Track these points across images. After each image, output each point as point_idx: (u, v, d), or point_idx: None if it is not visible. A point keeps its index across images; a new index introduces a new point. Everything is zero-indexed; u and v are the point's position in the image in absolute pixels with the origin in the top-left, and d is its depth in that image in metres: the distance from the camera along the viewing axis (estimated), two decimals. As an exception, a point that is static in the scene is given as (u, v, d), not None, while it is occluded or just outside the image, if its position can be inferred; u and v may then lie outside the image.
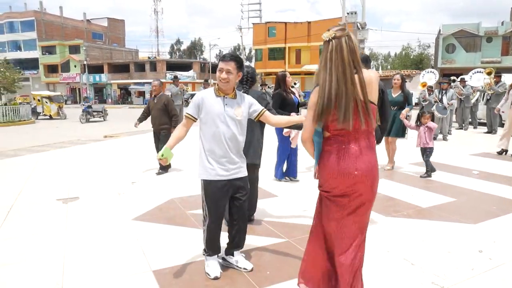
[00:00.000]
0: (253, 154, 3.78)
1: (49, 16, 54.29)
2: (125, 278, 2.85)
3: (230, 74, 2.74)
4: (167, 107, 6.39)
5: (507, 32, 32.50)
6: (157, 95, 6.48)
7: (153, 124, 6.52)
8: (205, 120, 2.80)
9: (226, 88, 2.78)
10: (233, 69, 2.75)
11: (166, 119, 6.42)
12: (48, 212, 4.47)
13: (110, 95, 48.44)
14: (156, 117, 6.43)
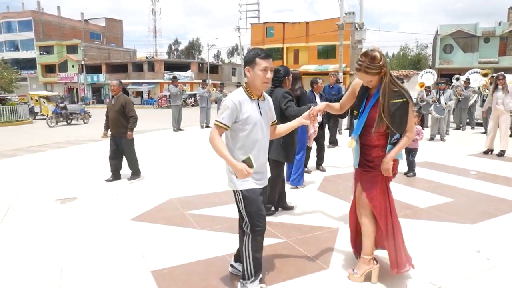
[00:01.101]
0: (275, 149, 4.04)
1: (47, 16, 54.13)
2: (123, 279, 2.85)
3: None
4: (124, 109, 5.85)
5: (504, 32, 32.59)
6: (115, 96, 5.96)
7: (111, 127, 5.96)
8: (243, 127, 2.46)
9: (263, 90, 2.56)
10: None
11: (125, 122, 5.89)
12: (46, 213, 4.46)
13: (108, 95, 48.27)
14: (114, 119, 5.88)
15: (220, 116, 2.42)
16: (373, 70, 2.50)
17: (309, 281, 2.79)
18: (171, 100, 13.52)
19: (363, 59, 2.53)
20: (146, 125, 16.03)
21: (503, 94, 7.66)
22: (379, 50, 2.53)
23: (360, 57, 2.57)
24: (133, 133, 6.03)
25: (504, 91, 7.67)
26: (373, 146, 2.68)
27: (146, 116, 23.76)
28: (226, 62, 63.72)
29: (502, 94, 7.68)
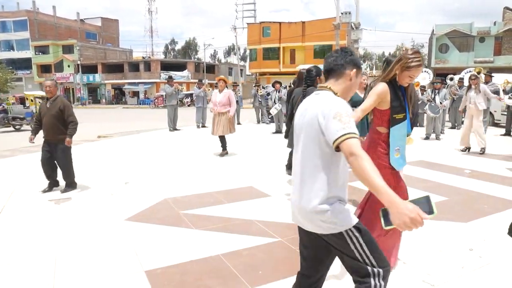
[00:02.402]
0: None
1: (42, 15, 53.88)
2: (117, 279, 2.84)
3: None
4: (63, 113, 5.23)
5: (499, 32, 32.79)
6: (51, 98, 5.27)
7: (46, 133, 5.27)
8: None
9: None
10: None
11: (63, 127, 5.26)
12: (40, 213, 4.44)
13: (104, 95, 48.19)
14: (50, 124, 5.20)
15: (350, 125, 1.64)
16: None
17: (303, 280, 2.79)
18: (167, 100, 13.50)
19: (419, 56, 2.68)
20: (142, 125, 15.99)
21: (475, 94, 7.93)
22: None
23: (416, 55, 2.68)
24: (129, 134, 6.00)
25: (476, 91, 7.96)
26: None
27: (143, 116, 23.73)
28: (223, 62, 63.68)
29: (474, 94, 7.95)
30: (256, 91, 15.46)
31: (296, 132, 1.89)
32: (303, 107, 1.88)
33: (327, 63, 1.90)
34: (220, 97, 7.73)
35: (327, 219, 1.75)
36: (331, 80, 1.88)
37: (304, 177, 1.80)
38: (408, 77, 2.70)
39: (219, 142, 8.00)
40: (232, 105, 7.79)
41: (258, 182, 5.68)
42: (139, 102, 44.42)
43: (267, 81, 33.69)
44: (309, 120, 1.78)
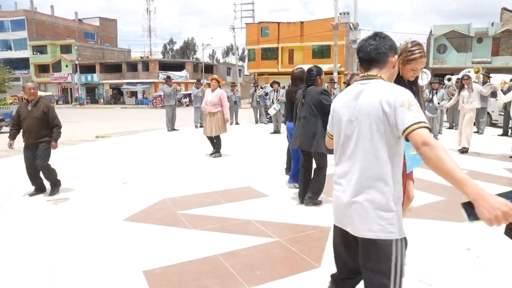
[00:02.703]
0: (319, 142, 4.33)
1: (40, 15, 53.76)
2: (114, 279, 2.84)
3: None
4: (47, 116, 5.05)
5: (497, 33, 32.90)
6: (33, 100, 5.03)
7: (27, 137, 5.03)
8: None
9: None
10: None
11: (47, 130, 5.09)
12: (38, 213, 4.44)
13: (102, 95, 48.12)
14: (33, 128, 4.98)
15: (420, 114, 1.55)
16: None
17: (301, 280, 2.80)
18: (165, 100, 13.49)
19: (420, 48, 2.54)
20: (140, 125, 15.98)
21: (468, 93, 8.10)
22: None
23: (417, 47, 2.55)
24: (127, 134, 5.99)
25: (469, 90, 8.13)
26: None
27: (141, 116, 23.71)
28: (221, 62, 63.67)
29: (467, 93, 8.12)
30: (254, 90, 15.46)
31: (341, 126, 1.74)
32: (347, 98, 1.74)
33: (366, 52, 1.74)
34: (212, 97, 7.64)
35: (388, 221, 1.60)
36: (373, 69, 1.74)
37: (363, 173, 1.63)
38: (411, 70, 2.58)
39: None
40: (224, 106, 7.67)
41: (256, 182, 5.68)
42: (137, 102, 44.36)
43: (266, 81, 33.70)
44: (367, 110, 1.63)
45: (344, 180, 1.71)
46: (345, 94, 1.78)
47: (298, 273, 2.90)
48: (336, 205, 1.76)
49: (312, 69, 4.58)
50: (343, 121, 1.73)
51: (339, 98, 1.82)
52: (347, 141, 1.71)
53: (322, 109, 4.34)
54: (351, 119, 1.69)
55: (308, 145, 4.42)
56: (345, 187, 1.69)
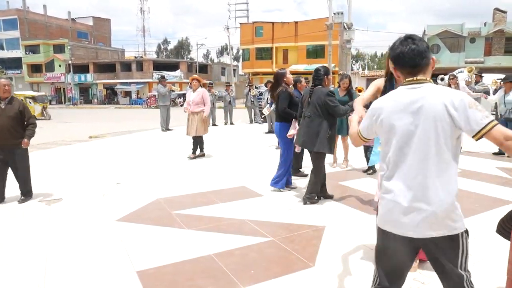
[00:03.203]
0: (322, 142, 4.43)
1: (33, 14, 53.33)
2: (108, 280, 2.83)
3: None
4: (23, 115, 4.79)
5: (489, 33, 33.19)
6: (7, 98, 4.72)
7: (0, 138, 4.65)
8: None
9: None
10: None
11: (21, 130, 4.76)
12: (30, 214, 4.40)
13: (96, 95, 47.85)
14: (7, 128, 4.63)
15: (488, 113, 1.64)
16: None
17: (295, 279, 2.81)
18: (160, 100, 13.44)
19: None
20: (134, 125, 15.91)
21: None
22: None
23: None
24: (121, 134, 5.96)
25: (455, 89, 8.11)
26: None
27: (135, 116, 23.60)
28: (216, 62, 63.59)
29: None
30: (249, 90, 15.46)
31: (394, 133, 1.70)
32: (400, 104, 1.69)
33: (411, 58, 1.72)
34: (194, 96, 7.56)
35: (457, 217, 1.68)
36: (420, 74, 1.73)
37: (430, 176, 1.64)
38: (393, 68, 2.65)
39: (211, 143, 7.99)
40: (206, 105, 7.59)
41: (250, 182, 5.68)
42: (131, 102, 44.16)
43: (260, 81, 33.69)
44: (431, 114, 1.62)
45: (404, 186, 1.68)
46: (394, 100, 1.73)
47: (292, 273, 2.90)
48: (393, 212, 1.71)
49: (320, 69, 4.61)
50: (399, 127, 1.69)
51: (384, 104, 1.75)
52: (406, 146, 1.68)
53: (327, 110, 4.40)
54: (411, 125, 1.66)
55: (310, 144, 4.48)
56: (407, 192, 1.67)
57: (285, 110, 5.08)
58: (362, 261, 3.07)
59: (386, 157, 1.75)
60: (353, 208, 4.46)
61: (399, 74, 1.78)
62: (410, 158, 1.66)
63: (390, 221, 1.73)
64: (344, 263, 3.05)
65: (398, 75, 1.79)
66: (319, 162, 4.63)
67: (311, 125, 4.46)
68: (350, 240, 3.50)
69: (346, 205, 4.57)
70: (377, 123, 1.77)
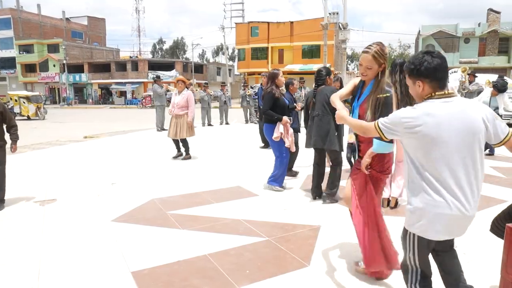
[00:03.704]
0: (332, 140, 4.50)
1: (26, 14, 52.93)
2: (103, 280, 2.81)
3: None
4: (3, 116, 4.63)
5: (483, 33, 33.44)
6: None
7: None
8: None
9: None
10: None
11: (1, 132, 4.64)
12: (24, 215, 4.37)
13: (91, 95, 47.62)
14: None
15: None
16: (380, 58, 2.63)
17: (290, 279, 2.81)
18: (157, 100, 13.40)
19: (374, 46, 2.65)
20: (129, 125, 15.85)
21: None
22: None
23: (371, 44, 2.67)
24: (116, 134, 5.93)
25: None
26: (362, 142, 2.84)
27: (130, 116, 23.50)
28: (211, 62, 63.50)
29: None
30: (244, 90, 15.46)
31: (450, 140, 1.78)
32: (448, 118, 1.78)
33: (445, 77, 1.86)
34: (179, 99, 7.42)
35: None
36: (445, 87, 1.87)
37: (473, 182, 1.82)
38: (360, 63, 2.76)
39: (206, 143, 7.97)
40: (190, 108, 7.45)
41: (245, 182, 5.68)
42: (126, 102, 43.98)
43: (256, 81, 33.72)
44: (477, 128, 1.79)
45: (469, 194, 1.82)
46: (434, 114, 1.79)
47: (287, 272, 2.90)
48: (455, 219, 1.83)
49: (322, 70, 4.69)
50: (454, 140, 1.78)
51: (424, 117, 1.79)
52: (464, 157, 1.80)
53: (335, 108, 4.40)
54: (465, 137, 1.78)
55: (321, 143, 4.53)
56: (471, 201, 1.83)
57: (266, 112, 5.10)
58: (357, 259, 3.08)
59: (426, 168, 1.82)
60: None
61: (426, 87, 1.86)
62: (470, 169, 1.80)
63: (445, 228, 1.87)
64: (340, 263, 3.06)
65: (423, 89, 1.86)
66: (337, 157, 4.69)
67: (321, 123, 4.50)
68: (345, 239, 3.51)
69: (341, 205, 4.57)
70: (413, 133, 1.81)
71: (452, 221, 1.83)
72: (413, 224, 1.90)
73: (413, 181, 1.88)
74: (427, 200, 1.81)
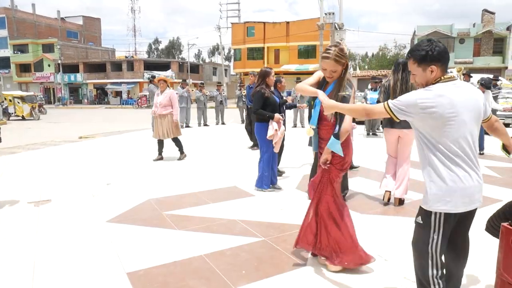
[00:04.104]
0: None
1: (21, 13, 52.58)
2: (98, 282, 2.79)
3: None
4: None
5: (478, 34, 33.63)
6: None
7: None
8: None
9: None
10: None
11: None
12: (18, 216, 4.33)
13: (86, 95, 47.39)
14: None
15: None
16: (342, 59, 2.66)
17: (287, 279, 2.80)
18: (153, 100, 13.34)
19: (333, 49, 2.67)
20: (125, 125, 15.79)
21: None
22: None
23: (329, 47, 2.71)
24: (111, 134, 5.91)
25: None
26: (323, 139, 2.87)
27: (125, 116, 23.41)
28: (207, 62, 63.41)
29: None
30: (240, 90, 15.45)
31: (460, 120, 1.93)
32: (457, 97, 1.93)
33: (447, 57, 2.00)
34: (161, 98, 7.27)
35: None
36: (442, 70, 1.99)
37: (476, 155, 2.01)
38: (322, 68, 2.76)
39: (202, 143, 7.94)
40: (174, 107, 7.30)
41: (241, 182, 5.67)
42: (122, 102, 43.81)
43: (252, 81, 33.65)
44: (474, 106, 1.98)
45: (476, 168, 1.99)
46: (450, 96, 1.91)
47: (284, 273, 2.89)
48: (476, 189, 1.98)
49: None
50: (466, 118, 1.94)
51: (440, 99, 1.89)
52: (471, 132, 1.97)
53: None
54: (472, 115, 1.98)
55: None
56: (479, 174, 2.01)
57: (257, 112, 5.09)
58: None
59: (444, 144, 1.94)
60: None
61: (438, 71, 1.97)
62: (468, 144, 1.96)
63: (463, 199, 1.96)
64: (336, 263, 3.05)
65: (435, 73, 1.97)
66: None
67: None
68: (341, 239, 3.51)
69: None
70: (429, 113, 1.90)
71: (475, 191, 1.97)
72: (440, 203, 1.96)
73: (431, 164, 1.98)
74: (452, 177, 1.93)
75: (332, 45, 2.72)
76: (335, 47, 2.66)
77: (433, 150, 1.97)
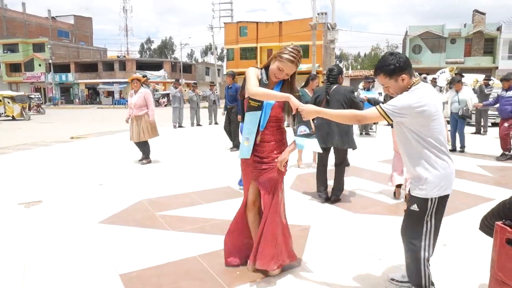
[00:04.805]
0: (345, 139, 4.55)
1: (11, 12, 52.01)
2: (90, 284, 2.75)
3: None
4: None
5: (469, 34, 33.95)
6: None
7: None
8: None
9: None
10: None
11: None
12: (8, 217, 4.26)
13: (78, 95, 46.99)
14: None
15: None
16: (298, 63, 2.61)
17: (281, 279, 2.78)
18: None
19: (297, 53, 2.58)
20: (116, 125, 15.66)
21: None
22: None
23: (294, 51, 2.56)
24: (103, 134, 5.85)
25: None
26: (267, 142, 2.70)
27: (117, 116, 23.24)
28: (200, 62, 63.24)
29: None
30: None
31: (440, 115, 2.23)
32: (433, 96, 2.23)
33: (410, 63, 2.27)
34: (135, 99, 6.93)
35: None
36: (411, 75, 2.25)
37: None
38: (277, 68, 2.58)
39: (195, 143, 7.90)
40: (149, 107, 7.01)
41: (235, 182, 5.64)
42: (114, 102, 43.51)
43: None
44: (439, 102, 2.30)
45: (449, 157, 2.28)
46: (431, 95, 2.21)
47: (278, 273, 2.87)
48: (454, 174, 2.30)
49: (334, 69, 4.67)
50: (440, 112, 2.23)
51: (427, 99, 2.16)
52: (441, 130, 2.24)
53: (351, 107, 4.44)
54: (440, 109, 2.27)
55: (342, 143, 4.52)
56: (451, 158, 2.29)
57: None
58: (347, 259, 3.08)
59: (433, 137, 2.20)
60: (338, 207, 4.47)
61: (407, 78, 2.23)
62: (443, 137, 2.24)
63: (450, 184, 2.28)
64: (330, 262, 3.05)
65: (406, 81, 2.22)
66: (346, 157, 4.75)
67: (340, 124, 4.33)
68: (335, 238, 3.51)
69: (331, 204, 4.58)
70: (420, 112, 2.14)
71: (454, 175, 2.30)
72: (436, 189, 2.21)
73: (424, 157, 2.22)
74: (443, 164, 2.21)
75: (294, 48, 2.57)
76: (297, 52, 2.56)
77: (424, 144, 2.20)
